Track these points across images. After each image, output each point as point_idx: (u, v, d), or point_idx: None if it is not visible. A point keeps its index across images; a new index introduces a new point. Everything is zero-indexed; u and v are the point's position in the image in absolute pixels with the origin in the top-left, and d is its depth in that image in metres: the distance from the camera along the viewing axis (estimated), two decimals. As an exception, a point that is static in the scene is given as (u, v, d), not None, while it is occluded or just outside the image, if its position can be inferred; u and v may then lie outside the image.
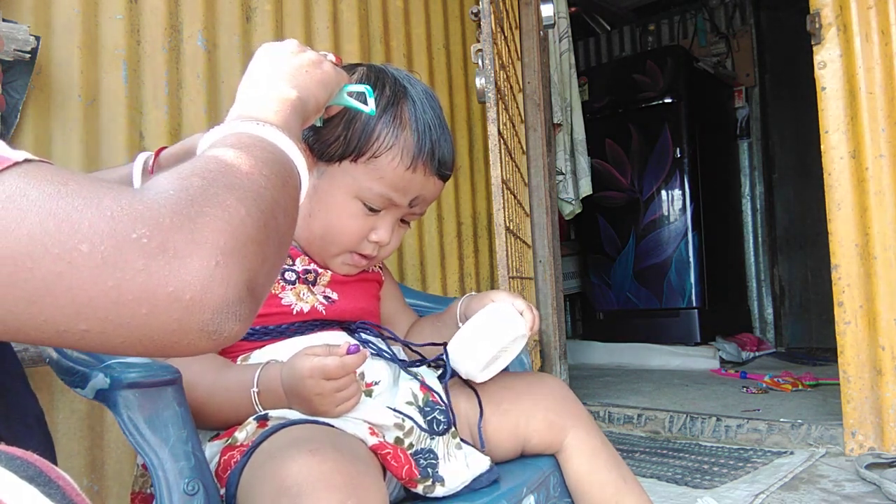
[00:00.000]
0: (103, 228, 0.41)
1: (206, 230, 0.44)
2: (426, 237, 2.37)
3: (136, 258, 0.42)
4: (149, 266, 0.42)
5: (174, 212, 0.44)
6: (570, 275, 4.17)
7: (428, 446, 0.81)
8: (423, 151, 0.86)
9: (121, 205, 0.42)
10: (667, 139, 3.79)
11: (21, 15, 1.39)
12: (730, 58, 4.50)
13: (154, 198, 0.44)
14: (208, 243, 0.44)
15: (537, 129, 2.35)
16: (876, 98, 1.82)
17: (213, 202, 0.46)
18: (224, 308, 0.44)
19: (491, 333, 0.85)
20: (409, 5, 2.39)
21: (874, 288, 1.81)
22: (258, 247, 0.47)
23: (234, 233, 0.45)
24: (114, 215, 0.42)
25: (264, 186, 0.50)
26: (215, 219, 0.45)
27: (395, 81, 0.89)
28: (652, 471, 1.88)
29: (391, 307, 1.06)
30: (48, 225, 0.40)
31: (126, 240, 0.41)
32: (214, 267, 0.44)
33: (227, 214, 0.46)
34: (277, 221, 0.51)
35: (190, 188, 0.46)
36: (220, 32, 1.78)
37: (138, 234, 0.42)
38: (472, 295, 0.98)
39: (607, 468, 0.92)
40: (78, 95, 1.48)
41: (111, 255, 0.41)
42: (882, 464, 1.69)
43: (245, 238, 0.46)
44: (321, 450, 0.65)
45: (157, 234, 0.42)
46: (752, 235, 4.48)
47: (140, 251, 0.42)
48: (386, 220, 0.89)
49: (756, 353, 3.85)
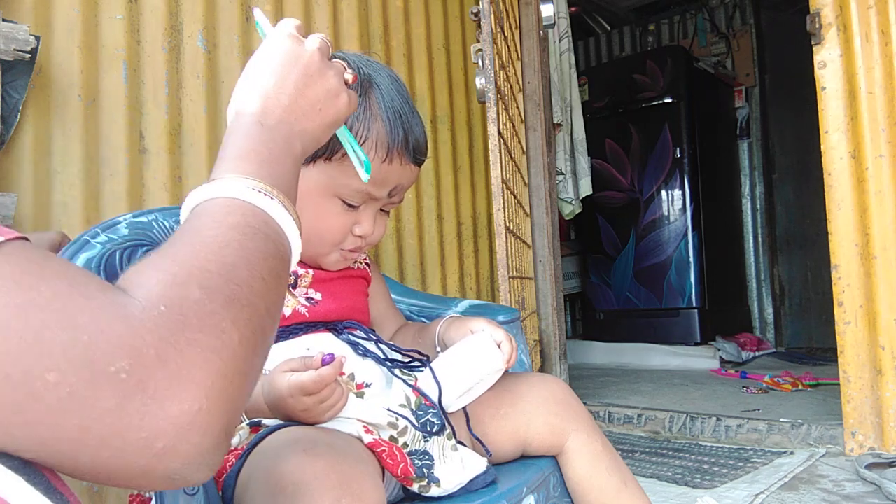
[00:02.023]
0: (77, 356, 0.35)
1: (194, 367, 0.38)
2: (426, 237, 2.37)
3: (109, 395, 0.35)
4: (122, 406, 0.35)
5: (161, 339, 0.37)
6: (570, 275, 4.17)
7: (422, 448, 0.80)
8: (398, 140, 0.84)
9: (100, 326, 0.36)
10: (667, 139, 3.79)
11: (21, 15, 1.39)
12: (730, 58, 4.50)
13: (141, 315, 0.38)
14: (194, 384, 0.38)
15: (537, 129, 2.35)
16: (876, 98, 1.82)
17: (208, 327, 0.40)
18: (196, 458, 0.38)
19: (468, 366, 0.86)
20: (409, 5, 2.38)
21: (874, 288, 1.81)
22: (245, 379, 0.42)
23: (224, 368, 0.39)
24: (91, 341, 0.35)
25: (262, 294, 0.44)
26: (206, 351, 0.39)
27: (359, 70, 0.86)
28: (652, 471, 1.88)
29: (379, 308, 1.05)
30: (11, 345, 0.34)
31: (101, 373, 0.35)
32: (196, 413, 0.38)
33: (220, 344, 0.40)
34: (266, 334, 0.45)
35: (185, 303, 0.40)
36: (220, 32, 1.78)
37: (117, 368, 0.35)
38: (453, 317, 0.97)
39: (608, 472, 0.92)
40: (78, 95, 1.48)
41: (81, 389, 0.35)
42: (882, 464, 1.69)
43: (234, 372, 0.40)
44: (316, 449, 0.65)
45: (138, 368, 0.36)
46: (752, 235, 4.48)
47: (115, 388, 0.35)
48: (366, 214, 0.88)
49: (756, 353, 3.85)
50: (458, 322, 0.95)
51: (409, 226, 2.30)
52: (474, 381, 0.86)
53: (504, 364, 0.88)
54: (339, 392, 0.75)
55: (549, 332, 2.33)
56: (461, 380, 0.85)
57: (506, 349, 0.89)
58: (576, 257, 4.27)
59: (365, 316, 0.98)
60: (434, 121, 2.45)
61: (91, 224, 1.22)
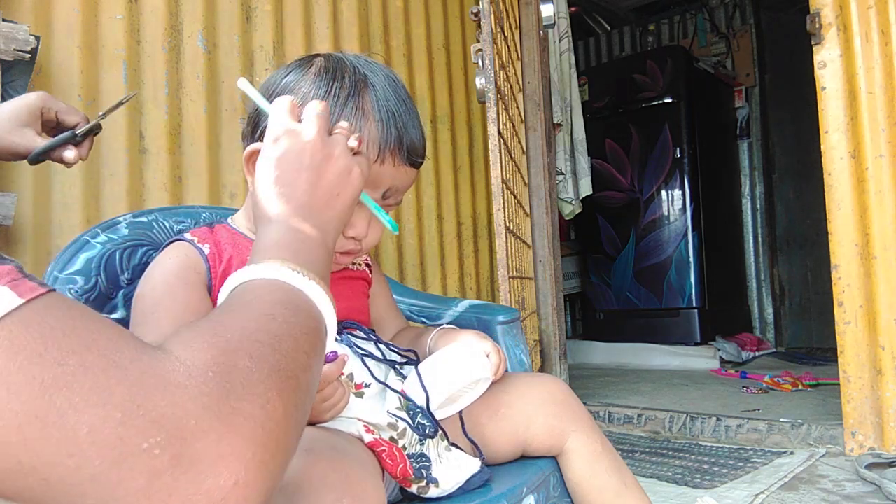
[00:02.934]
0: (106, 437, 0.31)
1: (237, 437, 0.35)
2: (426, 237, 2.37)
3: (136, 476, 0.31)
4: (150, 487, 0.32)
5: (205, 407, 0.34)
6: (570, 275, 4.17)
7: (420, 451, 0.80)
8: (390, 141, 0.83)
9: (136, 400, 0.32)
10: (667, 139, 3.79)
11: (21, 15, 1.39)
12: (730, 58, 4.50)
13: (185, 382, 0.35)
14: (234, 455, 0.34)
15: (537, 129, 2.35)
16: (876, 98, 1.82)
17: (253, 396, 0.37)
18: None
19: (449, 373, 0.84)
20: (409, 5, 2.39)
21: (874, 288, 1.81)
22: (285, 455, 0.39)
23: (267, 439, 0.37)
24: (125, 418, 0.31)
25: (304, 369, 0.43)
26: (250, 420, 0.36)
27: (355, 70, 0.85)
28: (652, 471, 1.88)
29: (380, 310, 1.04)
30: (28, 431, 0.30)
31: (132, 452, 0.31)
32: (232, 486, 0.34)
33: (265, 415, 0.37)
34: (306, 410, 0.43)
35: (233, 371, 0.37)
36: (220, 32, 1.78)
37: (150, 444, 0.32)
38: (444, 328, 0.96)
39: (608, 473, 0.91)
40: (78, 95, 1.48)
41: (104, 473, 0.31)
42: (882, 464, 1.69)
43: (276, 445, 0.37)
44: (317, 448, 0.65)
45: (175, 443, 0.32)
46: (752, 235, 4.48)
47: (145, 467, 0.31)
48: (360, 216, 0.86)
49: (756, 353, 3.85)
50: (448, 333, 0.94)
51: (409, 226, 2.31)
52: (455, 389, 0.85)
53: (491, 374, 0.87)
54: (341, 391, 0.75)
55: (549, 332, 2.33)
56: (441, 388, 0.84)
57: (493, 359, 0.88)
58: (576, 257, 4.27)
59: (364, 316, 0.97)
60: (434, 121, 2.45)
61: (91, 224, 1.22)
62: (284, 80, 0.87)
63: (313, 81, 0.85)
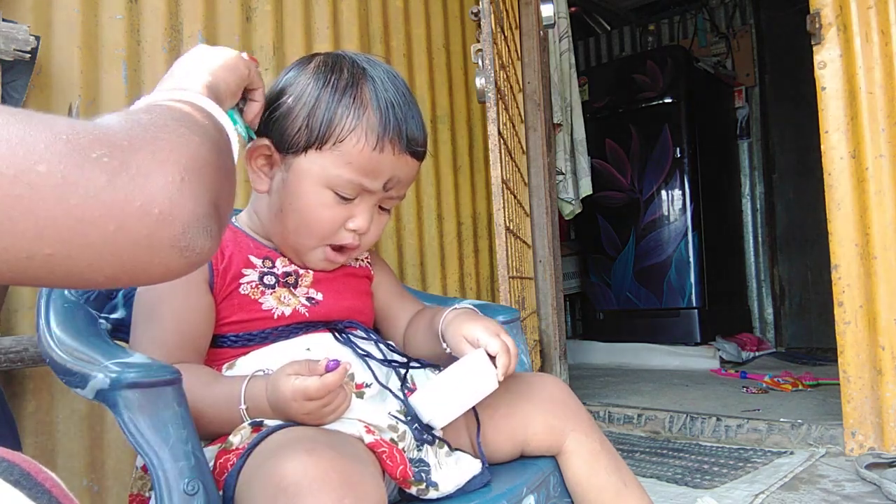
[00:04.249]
0: (60, 149, 0.40)
1: (166, 151, 0.44)
2: (426, 237, 2.37)
3: (98, 175, 0.41)
4: (113, 182, 0.41)
5: (131, 136, 0.44)
6: (570, 275, 4.17)
7: (418, 456, 0.80)
8: (389, 129, 0.83)
9: (75, 129, 0.42)
10: (667, 139, 3.79)
11: (21, 15, 1.39)
12: (730, 58, 4.50)
13: (107, 125, 0.44)
14: (170, 161, 0.44)
15: (537, 129, 2.35)
16: (876, 98, 1.82)
17: (167, 130, 0.47)
18: (194, 222, 0.44)
19: (460, 394, 0.83)
20: (409, 5, 2.39)
21: (874, 288, 1.81)
22: (215, 170, 0.48)
23: (193, 155, 0.46)
24: (70, 138, 0.41)
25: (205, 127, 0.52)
26: (172, 142, 0.46)
27: (354, 64, 0.87)
28: (652, 471, 1.88)
29: (386, 298, 1.03)
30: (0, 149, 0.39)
31: (86, 159, 0.41)
32: (181, 182, 0.44)
33: (183, 140, 0.47)
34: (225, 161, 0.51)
35: (141, 120, 0.47)
36: (220, 32, 1.78)
37: (98, 154, 0.41)
38: (456, 309, 0.93)
39: (607, 472, 0.91)
40: (78, 95, 1.48)
41: (71, 173, 0.40)
42: (882, 464, 1.69)
43: (203, 161, 0.47)
44: (318, 449, 0.65)
45: (118, 153, 0.42)
46: (752, 235, 4.48)
47: (102, 169, 0.41)
48: (362, 208, 0.86)
49: (756, 353, 3.85)
50: (459, 320, 0.90)
51: (409, 226, 2.30)
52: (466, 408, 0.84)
53: (497, 384, 0.84)
54: (343, 396, 0.75)
55: (549, 332, 2.33)
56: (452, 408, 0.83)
57: (501, 363, 0.84)
58: (576, 257, 4.27)
59: (365, 316, 0.97)
60: (434, 121, 2.45)
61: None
62: (286, 76, 0.89)
63: (312, 75, 0.86)
